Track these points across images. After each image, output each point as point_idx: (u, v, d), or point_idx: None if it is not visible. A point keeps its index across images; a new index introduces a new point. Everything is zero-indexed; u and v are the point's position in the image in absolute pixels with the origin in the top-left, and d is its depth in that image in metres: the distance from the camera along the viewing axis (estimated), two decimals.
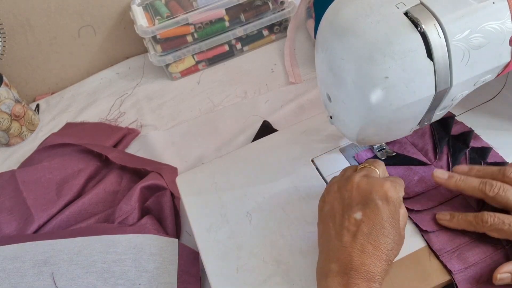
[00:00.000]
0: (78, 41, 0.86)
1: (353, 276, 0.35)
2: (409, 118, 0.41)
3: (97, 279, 0.47)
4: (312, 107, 0.70)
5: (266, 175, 0.51)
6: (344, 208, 0.39)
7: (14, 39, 0.80)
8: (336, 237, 0.38)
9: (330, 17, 0.39)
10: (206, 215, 0.49)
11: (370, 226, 0.37)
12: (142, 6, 0.82)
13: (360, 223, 0.37)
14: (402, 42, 0.35)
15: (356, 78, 0.37)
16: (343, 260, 0.36)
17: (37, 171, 0.64)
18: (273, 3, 0.81)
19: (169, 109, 0.78)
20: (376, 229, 0.37)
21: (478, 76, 0.38)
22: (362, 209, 0.38)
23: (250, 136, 0.68)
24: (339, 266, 0.36)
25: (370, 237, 0.36)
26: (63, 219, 0.58)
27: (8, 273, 0.48)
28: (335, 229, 0.38)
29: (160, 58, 0.79)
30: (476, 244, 0.41)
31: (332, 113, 0.46)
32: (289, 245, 0.44)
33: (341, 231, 0.38)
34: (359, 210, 0.38)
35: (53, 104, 0.86)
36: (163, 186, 0.60)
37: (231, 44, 0.83)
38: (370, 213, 0.37)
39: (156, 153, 0.69)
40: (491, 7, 0.36)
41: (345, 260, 0.36)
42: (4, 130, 0.74)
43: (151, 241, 0.51)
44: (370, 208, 0.38)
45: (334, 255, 0.37)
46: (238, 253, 0.45)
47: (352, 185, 0.40)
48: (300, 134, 0.55)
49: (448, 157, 0.48)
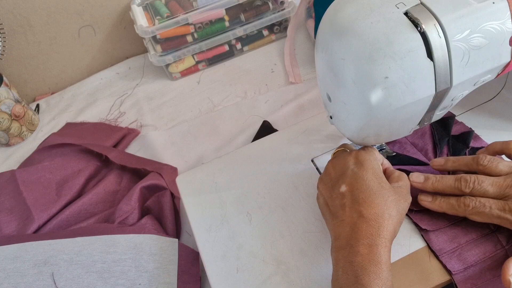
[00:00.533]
0: (78, 41, 0.86)
1: (353, 244, 0.36)
2: (409, 118, 0.41)
3: (97, 279, 0.47)
4: (312, 107, 0.70)
5: (266, 175, 0.51)
6: (330, 190, 0.41)
7: (14, 39, 0.80)
8: (334, 217, 0.39)
9: (330, 17, 0.39)
10: (206, 215, 0.49)
11: (355, 191, 0.38)
12: (142, 6, 0.82)
13: (346, 193, 0.39)
14: (402, 42, 0.35)
15: (356, 78, 0.37)
16: (343, 234, 0.37)
17: (37, 171, 0.64)
18: (273, 3, 0.81)
19: (169, 109, 0.78)
20: (362, 191, 0.38)
21: (478, 76, 0.38)
22: (344, 181, 0.40)
23: (250, 136, 0.68)
24: (342, 241, 0.37)
25: (359, 201, 0.38)
26: (63, 219, 0.58)
27: (8, 273, 0.48)
28: (331, 212, 0.40)
29: (160, 58, 0.79)
30: (476, 244, 0.41)
31: (332, 113, 0.46)
32: (289, 245, 0.44)
33: (335, 210, 0.39)
34: (341, 184, 0.40)
35: (53, 104, 0.86)
36: (163, 186, 0.60)
37: (231, 44, 0.83)
38: (351, 180, 0.39)
39: (156, 153, 0.69)
40: (491, 7, 0.36)
41: (345, 233, 0.37)
42: (4, 130, 0.74)
43: (151, 241, 0.51)
44: (348, 176, 0.40)
45: (337, 233, 0.38)
46: (238, 253, 0.45)
47: (329, 168, 0.43)
48: (300, 134, 0.55)
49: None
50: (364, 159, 0.41)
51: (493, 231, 0.42)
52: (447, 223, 0.42)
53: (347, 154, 0.43)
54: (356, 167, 0.40)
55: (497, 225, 0.41)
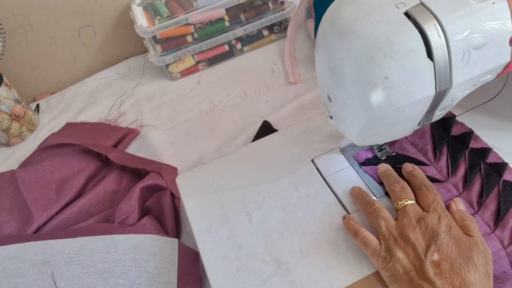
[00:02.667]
0: (78, 41, 0.86)
1: None
2: (409, 118, 0.41)
3: (97, 279, 0.47)
4: (312, 107, 0.70)
5: (266, 175, 0.51)
6: (417, 256, 0.38)
7: (14, 39, 0.80)
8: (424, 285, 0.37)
9: (330, 17, 0.39)
10: (206, 215, 0.49)
11: (449, 259, 0.37)
12: (142, 6, 0.82)
13: (439, 261, 0.37)
14: (402, 42, 0.35)
15: (356, 78, 0.37)
16: None
17: (37, 171, 0.64)
18: (273, 3, 0.81)
19: (169, 109, 0.78)
20: (456, 259, 0.37)
21: (478, 76, 0.38)
22: (434, 247, 0.38)
23: (250, 136, 0.68)
24: None
25: (454, 271, 0.37)
26: (63, 219, 0.58)
27: (8, 273, 0.48)
28: (421, 282, 0.37)
29: (160, 58, 0.79)
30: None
31: (332, 113, 0.46)
32: (289, 245, 0.44)
33: (430, 278, 0.37)
34: (434, 251, 0.38)
35: (53, 104, 0.86)
36: (163, 186, 0.60)
37: (231, 44, 0.83)
38: (441, 246, 0.38)
39: (156, 153, 0.69)
40: (491, 7, 0.36)
41: None
42: (4, 130, 0.74)
43: (151, 241, 0.51)
44: (439, 241, 0.38)
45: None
46: (238, 253, 0.45)
47: (411, 235, 0.39)
48: (300, 134, 0.55)
49: (448, 158, 0.48)
50: (448, 223, 0.39)
51: (493, 231, 0.42)
52: None
53: (434, 219, 0.40)
54: (443, 233, 0.39)
55: (496, 226, 0.41)
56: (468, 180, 0.46)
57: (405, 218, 0.40)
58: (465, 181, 0.46)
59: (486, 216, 0.43)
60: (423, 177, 0.45)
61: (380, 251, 0.40)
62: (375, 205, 0.43)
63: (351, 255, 0.42)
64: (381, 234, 0.41)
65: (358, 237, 0.41)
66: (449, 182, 0.46)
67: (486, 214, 0.43)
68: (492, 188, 0.44)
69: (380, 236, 0.41)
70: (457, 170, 0.47)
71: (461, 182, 0.46)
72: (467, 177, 0.46)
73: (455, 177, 0.46)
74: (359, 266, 0.41)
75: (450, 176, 0.47)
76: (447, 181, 0.46)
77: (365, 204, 0.44)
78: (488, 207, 0.43)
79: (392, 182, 0.45)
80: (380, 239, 0.41)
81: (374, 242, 0.40)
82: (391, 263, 0.38)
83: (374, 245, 0.40)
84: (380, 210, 0.42)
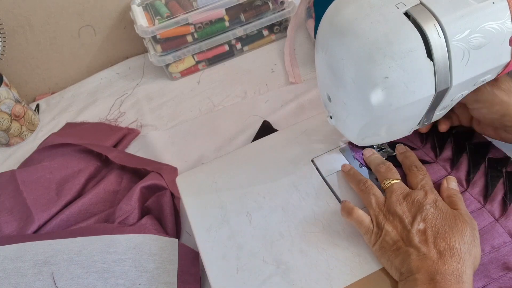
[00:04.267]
0: (78, 41, 0.86)
1: (439, 280, 0.36)
2: (409, 118, 0.41)
3: (97, 279, 0.47)
4: (312, 107, 0.70)
5: (266, 175, 0.51)
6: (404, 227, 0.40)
7: (14, 39, 0.80)
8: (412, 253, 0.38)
9: (330, 17, 0.39)
10: (206, 215, 0.49)
11: (434, 227, 0.38)
12: (142, 6, 0.82)
13: (425, 229, 0.39)
14: (402, 42, 0.35)
15: (356, 78, 0.37)
16: (425, 268, 0.37)
17: (37, 171, 0.64)
18: (273, 3, 0.81)
19: (169, 109, 0.78)
20: (440, 227, 0.38)
21: (478, 76, 0.38)
22: (420, 218, 0.39)
23: (250, 136, 0.68)
24: (423, 275, 0.36)
25: (439, 236, 0.38)
26: (63, 219, 0.58)
27: (8, 273, 0.48)
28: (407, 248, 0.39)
29: (160, 58, 0.79)
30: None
31: (332, 113, 0.46)
32: (289, 245, 0.44)
33: (415, 245, 0.38)
34: (420, 221, 0.39)
35: (53, 104, 0.86)
36: (163, 186, 0.60)
37: (231, 44, 0.84)
38: (426, 216, 0.39)
39: (156, 153, 0.69)
40: (491, 7, 0.36)
41: (427, 267, 0.37)
42: (4, 130, 0.74)
43: (151, 241, 0.51)
44: (424, 212, 0.40)
45: (415, 267, 0.37)
46: (238, 253, 0.45)
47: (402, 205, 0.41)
48: (300, 134, 0.55)
49: (435, 141, 0.50)
50: (435, 198, 0.41)
51: (483, 206, 0.43)
52: None
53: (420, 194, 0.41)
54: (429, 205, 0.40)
55: (486, 201, 0.44)
56: (455, 160, 0.48)
57: (392, 195, 0.42)
58: (453, 161, 0.48)
59: (475, 192, 0.45)
60: (414, 158, 0.47)
61: (373, 228, 0.41)
62: (367, 183, 0.45)
63: (351, 255, 0.42)
64: (372, 210, 0.42)
65: (352, 215, 0.43)
66: (438, 163, 0.48)
67: (475, 191, 0.45)
68: (478, 166, 0.47)
69: (371, 212, 0.42)
70: (444, 152, 0.49)
71: (448, 163, 0.48)
72: (454, 157, 0.48)
73: (443, 158, 0.48)
74: (359, 266, 0.41)
75: (438, 157, 0.49)
76: (436, 162, 0.48)
77: (357, 182, 0.46)
78: (476, 184, 0.45)
79: (377, 163, 0.47)
80: (371, 216, 0.42)
81: (367, 220, 0.42)
82: (381, 237, 0.40)
83: (367, 223, 0.42)
84: (371, 187, 0.44)
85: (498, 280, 0.39)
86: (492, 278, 0.39)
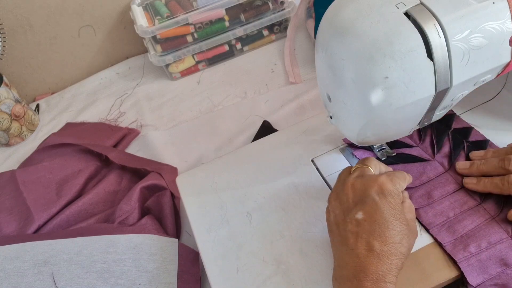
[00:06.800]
0: (78, 41, 0.86)
1: (362, 279, 0.35)
2: (409, 118, 0.41)
3: (97, 279, 0.47)
4: (312, 107, 0.70)
5: (266, 175, 0.51)
6: (344, 212, 0.39)
7: (14, 39, 0.80)
8: (342, 243, 0.38)
9: (330, 17, 0.39)
10: (206, 215, 0.49)
11: (372, 223, 0.37)
12: (142, 6, 0.82)
13: (361, 222, 0.37)
14: (402, 42, 0.35)
15: (356, 78, 0.37)
16: (351, 264, 0.36)
17: (37, 171, 0.64)
18: (273, 3, 0.81)
19: (169, 109, 0.78)
20: (379, 224, 0.37)
21: (478, 76, 0.38)
22: (362, 208, 0.38)
23: (250, 136, 0.68)
24: (349, 271, 0.36)
25: (374, 234, 0.36)
26: (63, 219, 0.58)
27: (8, 273, 0.48)
28: (341, 235, 0.38)
29: (160, 58, 0.79)
30: (464, 217, 0.43)
31: (332, 113, 0.46)
32: (289, 245, 0.44)
33: (346, 235, 0.38)
34: (359, 210, 0.38)
35: (53, 104, 0.86)
36: (163, 186, 0.60)
37: (231, 44, 0.84)
38: (370, 209, 0.37)
39: (156, 153, 0.69)
40: (491, 7, 0.36)
41: (353, 263, 0.36)
42: (4, 130, 0.74)
43: (151, 241, 0.51)
44: (368, 205, 0.38)
45: (343, 260, 0.37)
46: (238, 253, 0.45)
47: (348, 188, 0.40)
48: (300, 134, 0.55)
49: (432, 138, 0.50)
50: (388, 189, 0.38)
51: (480, 203, 0.43)
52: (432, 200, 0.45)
53: (371, 179, 0.39)
54: (377, 196, 0.38)
55: (483, 198, 0.43)
56: (453, 158, 0.48)
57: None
58: (450, 158, 0.48)
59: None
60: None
61: None
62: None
63: None
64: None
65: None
66: (435, 161, 0.48)
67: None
68: None
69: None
70: (442, 149, 0.49)
71: (446, 159, 0.48)
72: (452, 155, 0.48)
73: (441, 156, 0.49)
74: None
75: (436, 155, 0.49)
76: (434, 160, 0.48)
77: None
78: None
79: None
80: None
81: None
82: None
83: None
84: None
85: (496, 276, 0.39)
86: (491, 275, 0.39)
